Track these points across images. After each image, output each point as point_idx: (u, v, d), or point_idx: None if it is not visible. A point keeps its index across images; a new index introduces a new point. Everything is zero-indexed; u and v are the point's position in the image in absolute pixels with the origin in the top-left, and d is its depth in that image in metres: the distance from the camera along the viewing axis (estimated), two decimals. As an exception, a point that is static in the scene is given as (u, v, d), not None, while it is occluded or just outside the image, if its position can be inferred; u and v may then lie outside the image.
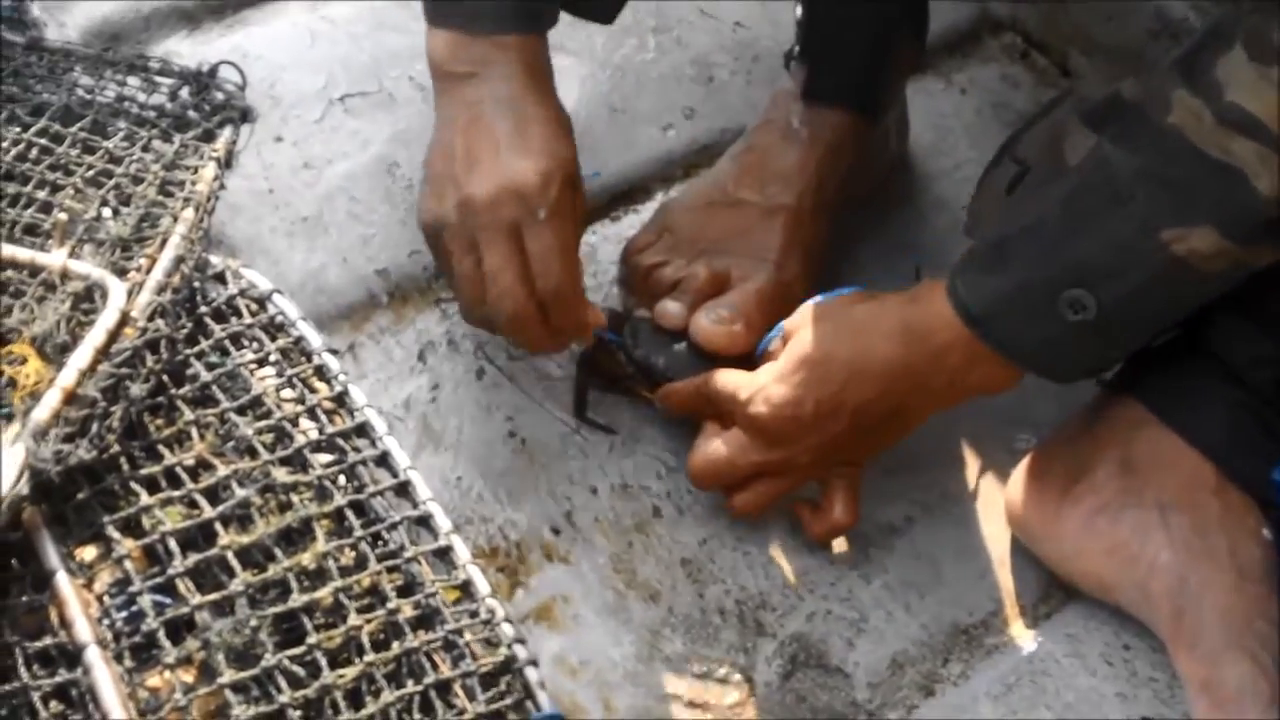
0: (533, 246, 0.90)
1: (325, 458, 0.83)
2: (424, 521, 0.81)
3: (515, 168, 0.89)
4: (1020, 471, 0.99)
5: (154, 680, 0.71)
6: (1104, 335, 0.85)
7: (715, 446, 0.94)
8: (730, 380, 0.94)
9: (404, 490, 0.82)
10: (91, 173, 0.92)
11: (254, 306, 0.89)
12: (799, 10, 1.13)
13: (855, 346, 0.90)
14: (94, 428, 0.76)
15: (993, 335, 0.86)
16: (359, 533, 0.79)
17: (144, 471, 0.79)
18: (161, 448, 0.80)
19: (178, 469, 0.80)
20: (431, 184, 0.94)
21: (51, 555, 0.74)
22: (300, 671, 0.72)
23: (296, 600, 0.75)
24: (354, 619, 0.75)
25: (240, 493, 0.78)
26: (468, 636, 0.77)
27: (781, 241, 1.04)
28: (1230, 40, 0.77)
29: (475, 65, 0.92)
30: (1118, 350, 0.89)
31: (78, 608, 0.72)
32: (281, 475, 0.80)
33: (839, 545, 0.99)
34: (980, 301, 0.85)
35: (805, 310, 0.94)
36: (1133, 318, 0.85)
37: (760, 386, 0.91)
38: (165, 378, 0.83)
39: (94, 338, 0.79)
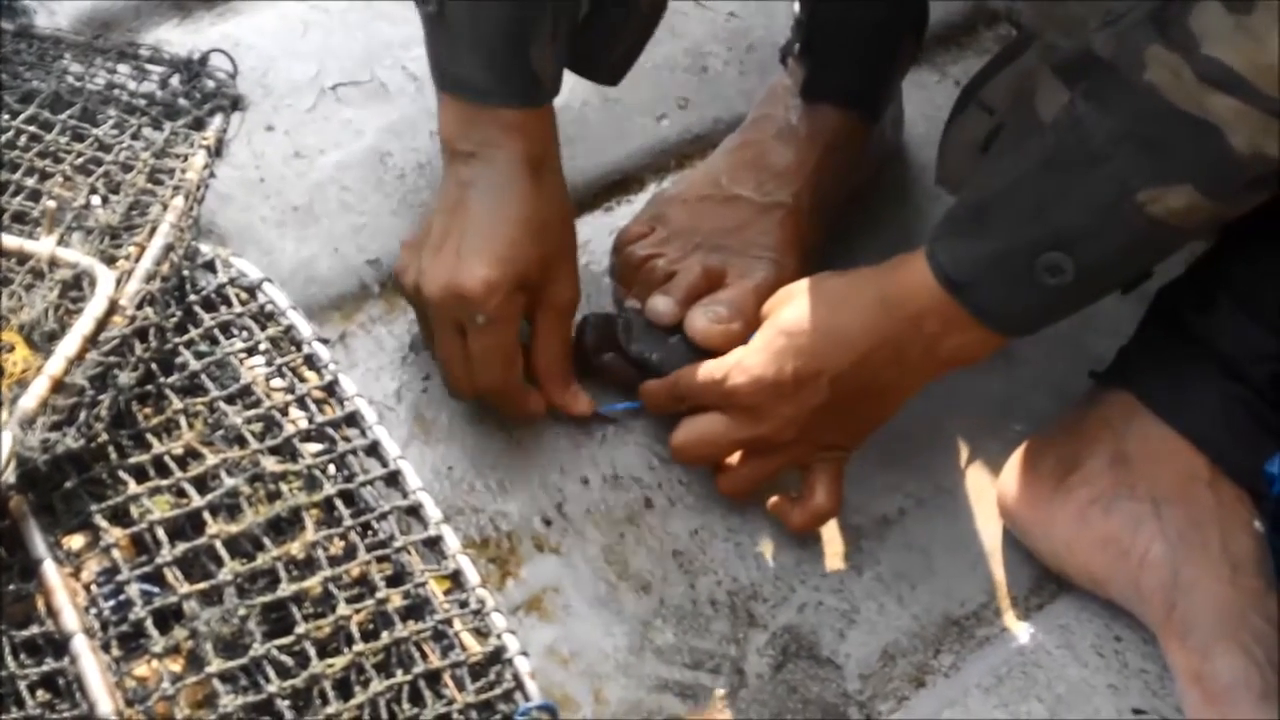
0: (472, 346, 0.93)
1: (315, 447, 0.82)
2: (414, 511, 0.81)
3: (466, 271, 0.91)
4: (1013, 463, 0.99)
5: (141, 669, 0.71)
6: (1080, 294, 0.85)
7: (699, 422, 0.94)
8: (701, 371, 0.94)
9: (394, 480, 0.81)
10: (81, 160, 0.92)
11: (244, 295, 0.89)
12: (797, 8, 1.12)
13: (832, 316, 0.89)
14: (82, 416, 0.76)
15: (972, 301, 0.85)
16: (348, 522, 0.79)
17: (132, 460, 0.78)
18: (150, 436, 0.80)
19: (166, 458, 0.79)
20: (406, 252, 0.96)
21: (38, 544, 0.74)
22: (289, 661, 0.72)
23: (285, 590, 0.74)
24: (343, 609, 0.75)
25: (229, 482, 0.78)
26: (457, 626, 0.76)
27: (779, 239, 1.04)
28: None
29: (477, 146, 0.93)
30: (1089, 303, 0.89)
31: (65, 596, 0.72)
32: (271, 464, 0.79)
33: (830, 537, 0.98)
34: (960, 267, 0.85)
35: (781, 290, 0.93)
36: (1109, 276, 0.86)
37: (736, 361, 0.91)
38: (154, 366, 0.82)
39: (82, 326, 0.78)
